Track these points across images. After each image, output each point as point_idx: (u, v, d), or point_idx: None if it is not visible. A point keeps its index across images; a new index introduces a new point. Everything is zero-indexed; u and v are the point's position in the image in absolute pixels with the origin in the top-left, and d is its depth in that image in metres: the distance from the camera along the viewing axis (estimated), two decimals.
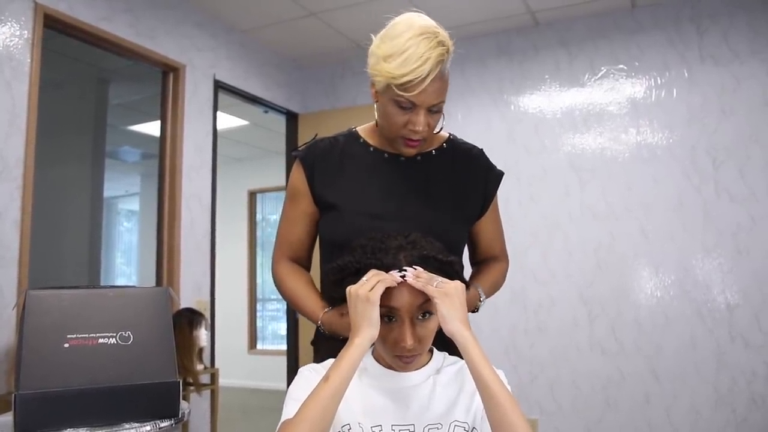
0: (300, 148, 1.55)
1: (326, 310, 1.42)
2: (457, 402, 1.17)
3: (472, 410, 1.15)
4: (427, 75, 1.29)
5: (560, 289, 3.99)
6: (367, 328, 1.07)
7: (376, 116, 1.50)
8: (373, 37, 1.39)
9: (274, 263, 1.56)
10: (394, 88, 1.32)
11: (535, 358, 4.04)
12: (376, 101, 1.45)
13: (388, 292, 1.08)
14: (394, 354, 1.14)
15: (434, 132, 1.49)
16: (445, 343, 1.20)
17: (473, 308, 1.46)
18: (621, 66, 4.03)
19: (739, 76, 3.72)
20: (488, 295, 1.52)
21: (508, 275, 1.67)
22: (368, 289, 1.06)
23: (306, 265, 1.58)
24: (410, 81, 1.29)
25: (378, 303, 1.06)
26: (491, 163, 1.60)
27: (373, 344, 1.15)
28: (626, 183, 3.95)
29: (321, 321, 1.43)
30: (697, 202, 3.75)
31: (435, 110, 1.38)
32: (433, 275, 1.11)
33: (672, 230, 3.80)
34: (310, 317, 1.46)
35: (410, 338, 1.10)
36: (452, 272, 1.17)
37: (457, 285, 1.10)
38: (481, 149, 1.61)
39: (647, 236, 3.86)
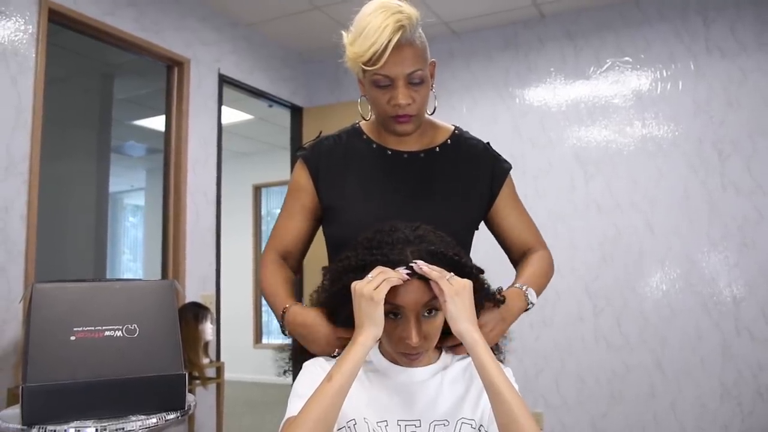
0: (305, 146, 1.53)
1: (288, 305, 1.35)
2: (464, 399, 1.16)
3: (480, 408, 1.14)
4: (387, 43, 1.26)
5: (565, 282, 3.98)
6: (370, 327, 1.05)
7: (366, 110, 1.50)
8: (344, 34, 1.37)
9: (263, 254, 1.53)
10: (364, 67, 1.31)
11: (540, 352, 4.04)
12: (365, 95, 1.43)
13: (393, 289, 1.06)
14: (399, 351, 1.12)
15: (429, 113, 1.47)
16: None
17: (525, 307, 1.37)
18: (627, 58, 4.02)
19: (746, 69, 3.70)
20: (536, 287, 1.42)
21: (509, 269, 1.62)
22: (373, 288, 1.04)
23: (294, 263, 1.53)
24: (373, 54, 1.27)
25: (382, 302, 1.05)
26: (497, 155, 1.55)
27: (379, 339, 1.14)
28: (632, 176, 3.94)
29: (286, 311, 1.35)
30: (702, 195, 3.74)
31: (415, 81, 1.33)
32: (443, 270, 1.08)
33: (678, 223, 3.79)
34: (275, 310, 1.40)
35: (416, 336, 1.08)
36: (461, 268, 1.14)
37: (465, 283, 1.08)
38: (487, 143, 1.56)
39: (653, 229, 3.85)
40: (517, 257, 1.55)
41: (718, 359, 3.62)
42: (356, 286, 1.07)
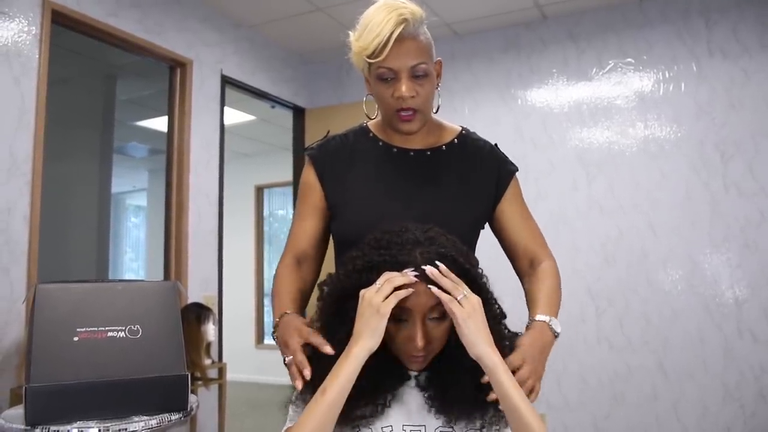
0: (312, 146, 1.53)
1: (289, 311, 1.33)
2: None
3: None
4: (390, 35, 1.27)
5: (567, 283, 3.92)
6: (367, 339, 1.04)
7: (371, 110, 1.50)
8: (351, 33, 1.38)
9: (280, 259, 1.52)
10: (367, 60, 1.32)
11: None
12: (371, 93, 1.44)
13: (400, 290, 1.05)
14: (405, 353, 1.11)
15: (433, 112, 1.47)
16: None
17: (551, 339, 1.38)
18: (629, 60, 4.02)
19: (748, 70, 3.70)
20: (555, 312, 1.45)
21: (514, 271, 1.59)
22: (381, 299, 1.02)
23: (313, 263, 1.52)
24: (376, 46, 1.29)
25: (387, 316, 1.03)
26: (505, 157, 1.55)
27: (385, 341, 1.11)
28: (634, 177, 3.93)
29: (283, 317, 1.32)
30: (705, 197, 3.74)
31: (419, 74, 1.34)
32: (459, 282, 1.05)
33: (680, 225, 3.79)
34: (275, 313, 1.37)
35: (421, 339, 1.06)
36: (472, 277, 1.11)
37: (475, 303, 1.04)
38: (494, 144, 1.56)
39: (655, 231, 3.85)
40: (521, 265, 1.54)
41: (720, 361, 3.62)
42: (365, 294, 1.05)
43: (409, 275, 1.04)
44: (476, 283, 1.11)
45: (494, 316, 1.15)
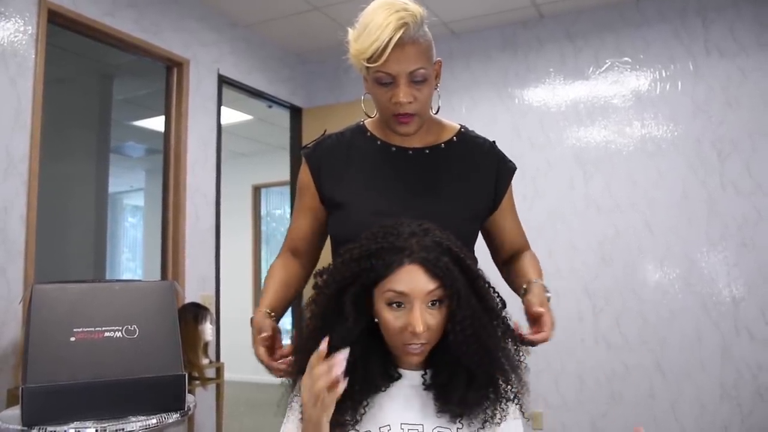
0: (308, 145, 1.53)
1: (268, 311, 1.39)
2: None
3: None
4: (388, 40, 1.24)
5: (565, 282, 3.98)
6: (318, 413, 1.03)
7: (370, 108, 1.50)
8: (350, 30, 1.36)
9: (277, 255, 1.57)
10: (365, 64, 1.30)
11: (539, 352, 4.00)
12: (369, 92, 1.43)
13: (397, 277, 1.05)
14: (402, 342, 1.09)
15: (434, 112, 1.48)
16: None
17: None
18: (626, 59, 4.02)
19: (745, 69, 3.70)
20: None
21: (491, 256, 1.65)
22: (312, 404, 1.01)
23: (306, 258, 1.55)
24: (375, 51, 1.26)
25: (332, 408, 1.03)
26: (504, 155, 1.55)
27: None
28: (631, 176, 3.94)
29: (255, 314, 1.41)
30: (702, 196, 3.74)
31: (418, 80, 1.32)
32: None
33: (677, 223, 3.79)
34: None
35: (421, 323, 1.04)
36: (466, 269, 1.11)
37: None
38: (493, 142, 1.55)
39: (652, 230, 3.86)
40: (504, 256, 1.60)
41: (717, 359, 3.62)
42: (305, 383, 1.05)
43: (338, 365, 1.01)
44: (469, 273, 1.11)
45: (495, 305, 1.18)
